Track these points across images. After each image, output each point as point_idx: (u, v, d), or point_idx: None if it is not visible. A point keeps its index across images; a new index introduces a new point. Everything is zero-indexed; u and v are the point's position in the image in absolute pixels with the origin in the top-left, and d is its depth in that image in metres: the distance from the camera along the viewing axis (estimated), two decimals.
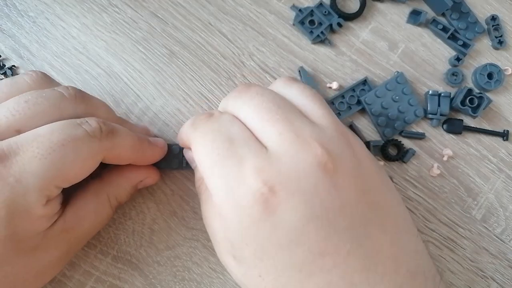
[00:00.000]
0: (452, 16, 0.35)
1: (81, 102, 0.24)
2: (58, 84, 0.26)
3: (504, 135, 0.33)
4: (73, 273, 0.29)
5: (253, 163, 0.20)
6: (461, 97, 0.32)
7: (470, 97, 0.32)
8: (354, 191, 0.20)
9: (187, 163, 0.28)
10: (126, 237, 0.30)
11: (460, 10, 0.35)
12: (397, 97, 0.33)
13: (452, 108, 0.33)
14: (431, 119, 0.33)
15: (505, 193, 0.33)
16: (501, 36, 0.35)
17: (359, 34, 0.34)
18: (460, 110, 0.33)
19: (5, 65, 0.32)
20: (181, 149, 0.28)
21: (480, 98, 0.33)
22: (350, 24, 0.34)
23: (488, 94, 0.34)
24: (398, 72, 0.33)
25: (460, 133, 0.33)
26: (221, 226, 0.22)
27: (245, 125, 0.22)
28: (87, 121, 0.23)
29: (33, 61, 0.32)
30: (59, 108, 0.23)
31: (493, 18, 0.35)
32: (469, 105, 0.32)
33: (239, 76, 0.33)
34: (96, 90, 0.32)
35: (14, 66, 0.32)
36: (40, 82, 0.24)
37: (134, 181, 0.27)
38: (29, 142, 0.21)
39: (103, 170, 0.27)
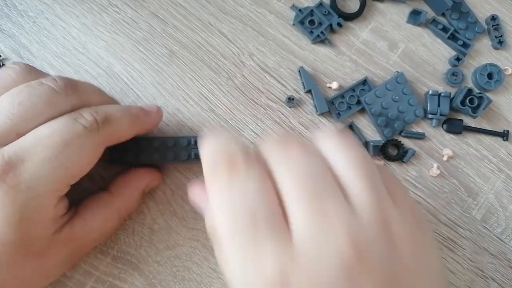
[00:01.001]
0: (452, 16, 0.35)
1: (72, 93, 0.24)
2: (43, 74, 0.25)
3: (504, 135, 0.33)
4: (73, 273, 0.29)
5: (276, 259, 0.18)
6: (461, 97, 0.32)
7: (470, 97, 0.32)
8: None
9: (195, 155, 0.29)
10: (126, 237, 0.30)
11: (460, 10, 0.35)
12: (397, 97, 0.33)
13: (452, 108, 0.33)
14: (431, 119, 0.33)
15: (505, 193, 0.33)
16: (501, 36, 0.35)
17: (359, 34, 0.34)
18: (460, 110, 0.33)
19: (5, 65, 0.32)
20: (189, 141, 0.29)
21: (480, 98, 0.33)
22: (350, 24, 0.34)
23: (488, 94, 0.34)
24: (398, 72, 0.33)
25: (460, 133, 0.33)
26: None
27: (273, 188, 0.19)
28: (82, 115, 0.23)
29: (33, 61, 0.32)
30: (53, 104, 0.23)
31: (493, 18, 0.35)
32: (469, 105, 0.32)
33: (239, 76, 0.33)
34: None
35: None
36: (24, 74, 0.24)
37: (141, 188, 0.28)
38: (33, 146, 0.21)
39: (111, 184, 0.28)
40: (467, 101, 0.32)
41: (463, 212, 0.32)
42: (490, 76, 0.34)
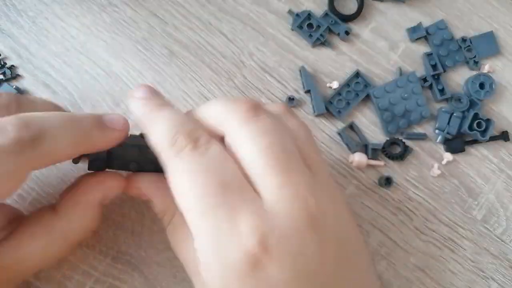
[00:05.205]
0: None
1: (15, 112, 0.20)
2: None
3: (504, 137, 0.33)
4: (73, 273, 0.29)
5: (250, 219, 0.18)
6: (468, 122, 0.32)
7: (478, 121, 0.32)
8: (334, 245, 0.20)
9: None
10: (126, 237, 0.30)
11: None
12: (405, 95, 0.32)
13: (460, 132, 0.33)
14: (438, 135, 0.33)
15: (505, 193, 0.33)
16: (474, 56, 0.34)
17: (360, 34, 0.34)
18: (469, 134, 0.32)
19: (5, 64, 0.32)
20: None
21: (488, 121, 0.32)
22: (351, 24, 0.34)
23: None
24: (409, 70, 0.33)
25: (463, 151, 0.33)
26: (201, 271, 0.20)
27: (236, 163, 0.20)
28: (5, 128, 0.19)
29: (32, 61, 0.32)
30: None
31: (464, 40, 0.34)
32: (477, 129, 0.32)
33: (239, 76, 0.33)
34: (96, 90, 0.32)
35: (13, 65, 0.32)
36: None
37: (94, 203, 0.23)
38: None
39: (58, 198, 0.23)
40: (475, 125, 0.32)
41: (463, 212, 0.32)
42: (481, 85, 0.33)
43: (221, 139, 0.21)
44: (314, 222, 0.19)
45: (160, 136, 0.20)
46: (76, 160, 0.24)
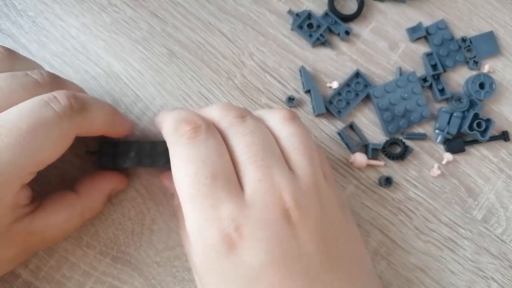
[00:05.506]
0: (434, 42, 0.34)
1: (55, 88, 0.24)
2: (26, 61, 0.25)
3: (504, 138, 0.33)
4: (72, 273, 0.29)
5: (230, 209, 0.21)
6: (468, 122, 0.32)
7: (478, 121, 0.32)
8: (314, 242, 0.22)
9: None
10: (126, 237, 0.30)
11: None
12: (406, 95, 0.32)
13: (460, 133, 0.33)
14: (438, 134, 0.33)
15: (505, 193, 0.33)
16: (474, 56, 0.34)
17: (360, 33, 0.34)
18: (469, 135, 0.32)
19: None
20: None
21: (488, 121, 0.32)
22: (351, 24, 0.34)
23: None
24: (409, 70, 0.33)
25: (463, 151, 0.33)
26: (190, 251, 0.24)
27: (229, 154, 0.23)
28: (55, 97, 0.22)
29: None
30: (33, 95, 0.22)
31: (463, 40, 0.34)
32: (477, 129, 0.32)
33: (239, 76, 0.33)
34: (96, 90, 0.32)
35: None
36: (10, 60, 0.24)
37: (108, 190, 0.28)
38: None
39: (78, 184, 0.27)
40: (475, 125, 0.32)
41: (463, 212, 0.32)
42: (481, 85, 0.33)
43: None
44: (288, 216, 0.21)
45: (168, 124, 0.23)
46: (88, 153, 0.29)
